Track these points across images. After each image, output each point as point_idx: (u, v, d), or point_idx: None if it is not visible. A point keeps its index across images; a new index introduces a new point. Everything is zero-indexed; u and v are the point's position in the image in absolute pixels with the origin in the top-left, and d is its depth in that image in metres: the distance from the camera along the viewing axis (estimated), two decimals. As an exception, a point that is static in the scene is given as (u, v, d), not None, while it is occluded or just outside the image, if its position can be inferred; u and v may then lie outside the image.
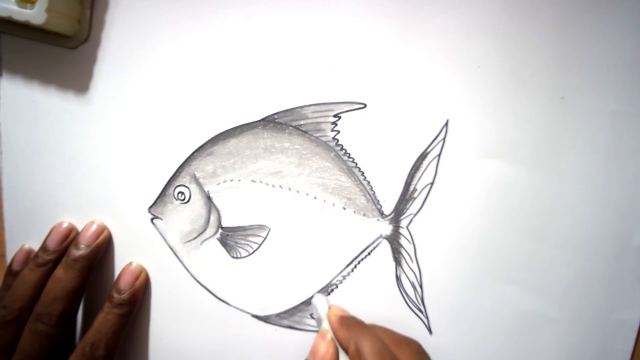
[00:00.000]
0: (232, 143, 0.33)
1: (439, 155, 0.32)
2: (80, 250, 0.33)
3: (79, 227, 0.34)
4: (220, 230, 0.34)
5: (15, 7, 0.30)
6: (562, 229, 0.32)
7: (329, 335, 0.28)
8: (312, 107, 0.32)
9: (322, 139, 0.32)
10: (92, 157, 0.34)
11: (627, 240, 0.32)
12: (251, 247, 0.34)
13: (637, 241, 0.32)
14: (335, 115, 0.32)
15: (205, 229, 0.34)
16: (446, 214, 0.32)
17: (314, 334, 0.34)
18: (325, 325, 0.29)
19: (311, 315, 0.34)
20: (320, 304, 0.31)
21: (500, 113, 0.31)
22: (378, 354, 0.26)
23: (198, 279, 0.35)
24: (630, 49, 0.30)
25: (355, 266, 0.33)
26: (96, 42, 0.33)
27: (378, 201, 0.33)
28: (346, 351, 0.27)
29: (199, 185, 0.34)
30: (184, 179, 0.34)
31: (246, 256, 0.34)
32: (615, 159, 0.31)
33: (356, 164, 0.32)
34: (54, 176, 0.35)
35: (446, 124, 0.31)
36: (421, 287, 0.32)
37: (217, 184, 0.34)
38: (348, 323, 0.28)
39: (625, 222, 0.32)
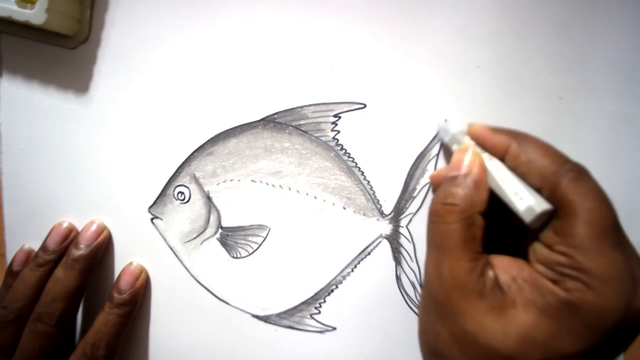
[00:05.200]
0: (232, 143, 0.33)
1: (438, 154, 0.32)
2: (80, 250, 0.33)
3: (79, 227, 0.34)
4: (220, 230, 0.34)
5: (15, 7, 0.30)
6: (560, 228, 0.32)
7: (470, 147, 0.27)
8: (312, 107, 0.32)
9: (322, 139, 0.33)
10: (92, 157, 0.34)
11: (624, 239, 0.32)
12: (251, 247, 0.34)
13: (634, 240, 0.32)
14: (335, 115, 0.32)
15: (205, 229, 0.34)
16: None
17: (314, 334, 0.34)
18: (465, 141, 0.27)
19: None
20: (450, 125, 0.30)
21: (499, 113, 0.31)
22: (545, 148, 0.25)
23: (198, 279, 0.35)
24: (628, 49, 0.30)
25: (355, 266, 0.33)
26: (96, 42, 0.33)
27: (378, 201, 0.33)
28: (501, 158, 0.26)
29: (199, 185, 0.34)
30: (184, 179, 0.34)
31: (246, 256, 0.34)
32: (613, 159, 0.31)
33: (356, 163, 0.33)
34: (54, 176, 0.35)
35: (445, 124, 0.32)
36: (421, 286, 0.33)
37: (217, 184, 0.34)
38: (500, 129, 0.26)
39: (622, 221, 0.32)
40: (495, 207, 0.26)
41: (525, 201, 0.24)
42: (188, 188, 0.34)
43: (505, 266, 0.24)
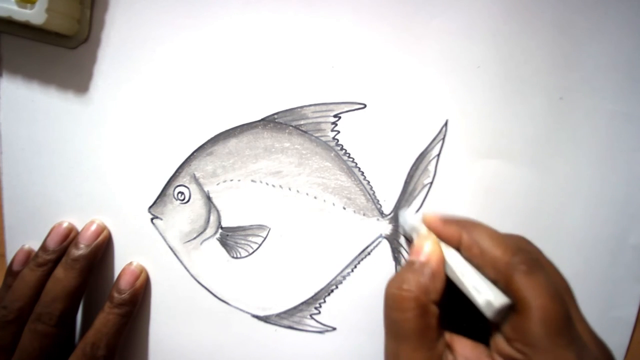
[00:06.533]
0: (232, 143, 0.33)
1: (438, 155, 0.32)
2: (80, 250, 0.33)
3: (79, 227, 0.34)
4: (220, 231, 0.34)
5: (15, 7, 0.29)
6: (559, 227, 0.32)
7: (431, 237, 0.27)
8: (312, 107, 0.32)
9: (322, 139, 0.33)
10: (92, 157, 0.34)
11: (623, 239, 0.32)
12: (251, 247, 0.34)
13: (633, 240, 0.32)
14: (335, 115, 0.32)
15: (205, 229, 0.34)
16: (445, 213, 0.32)
17: (314, 334, 0.34)
18: (423, 231, 0.28)
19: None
20: (409, 216, 0.30)
21: (499, 113, 0.31)
22: (495, 238, 0.25)
23: (198, 279, 0.35)
24: (628, 49, 0.30)
25: (355, 266, 0.33)
26: (96, 42, 0.33)
27: (378, 201, 0.33)
28: (456, 247, 0.26)
29: (199, 185, 0.34)
30: (184, 179, 0.34)
31: (246, 256, 0.34)
32: (613, 159, 0.31)
33: (356, 163, 0.33)
34: (54, 176, 0.35)
35: (445, 124, 0.32)
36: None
37: (217, 184, 0.34)
38: (451, 220, 0.27)
39: (622, 221, 0.32)
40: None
41: (483, 295, 0.24)
42: (188, 188, 0.34)
43: (466, 353, 0.25)
